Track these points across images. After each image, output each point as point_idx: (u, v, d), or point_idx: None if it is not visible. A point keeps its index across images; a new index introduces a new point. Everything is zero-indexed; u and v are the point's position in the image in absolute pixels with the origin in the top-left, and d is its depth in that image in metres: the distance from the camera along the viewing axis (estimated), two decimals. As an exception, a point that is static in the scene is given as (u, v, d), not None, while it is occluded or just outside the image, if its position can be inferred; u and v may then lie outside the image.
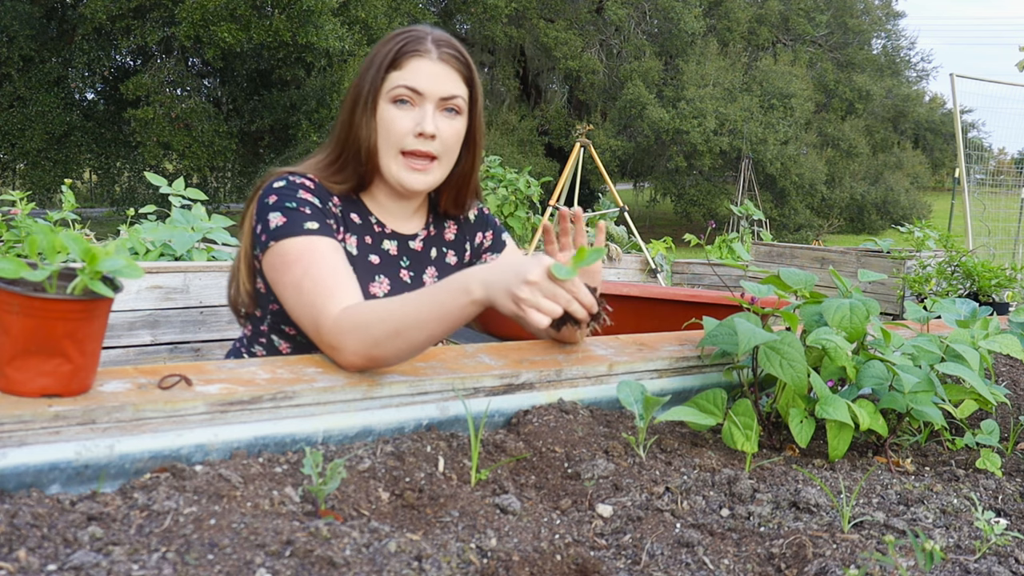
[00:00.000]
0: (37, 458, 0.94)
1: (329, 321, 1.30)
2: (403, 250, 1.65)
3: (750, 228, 6.20)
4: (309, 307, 1.34)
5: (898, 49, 26.14)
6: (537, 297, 1.16)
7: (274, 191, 1.48)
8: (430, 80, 1.52)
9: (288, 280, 1.39)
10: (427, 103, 1.53)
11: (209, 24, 13.00)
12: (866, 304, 1.43)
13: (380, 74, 1.52)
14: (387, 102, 1.52)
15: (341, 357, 1.26)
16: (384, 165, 1.55)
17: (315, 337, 1.33)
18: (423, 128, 1.51)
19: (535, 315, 1.15)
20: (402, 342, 1.23)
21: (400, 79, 1.51)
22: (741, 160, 18.40)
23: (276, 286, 1.43)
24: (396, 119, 1.52)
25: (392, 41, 1.54)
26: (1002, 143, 49.38)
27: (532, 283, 1.16)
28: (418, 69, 1.52)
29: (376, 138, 1.53)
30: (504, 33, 19.77)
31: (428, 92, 1.52)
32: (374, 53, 1.55)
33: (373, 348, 1.24)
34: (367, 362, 1.25)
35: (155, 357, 2.82)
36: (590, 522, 1.07)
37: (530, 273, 1.16)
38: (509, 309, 1.18)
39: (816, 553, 1.01)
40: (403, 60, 1.52)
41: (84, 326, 1.02)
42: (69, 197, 3.35)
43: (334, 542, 0.87)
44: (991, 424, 1.48)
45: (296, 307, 1.37)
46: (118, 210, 14.54)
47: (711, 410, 1.36)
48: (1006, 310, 3.58)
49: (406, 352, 1.25)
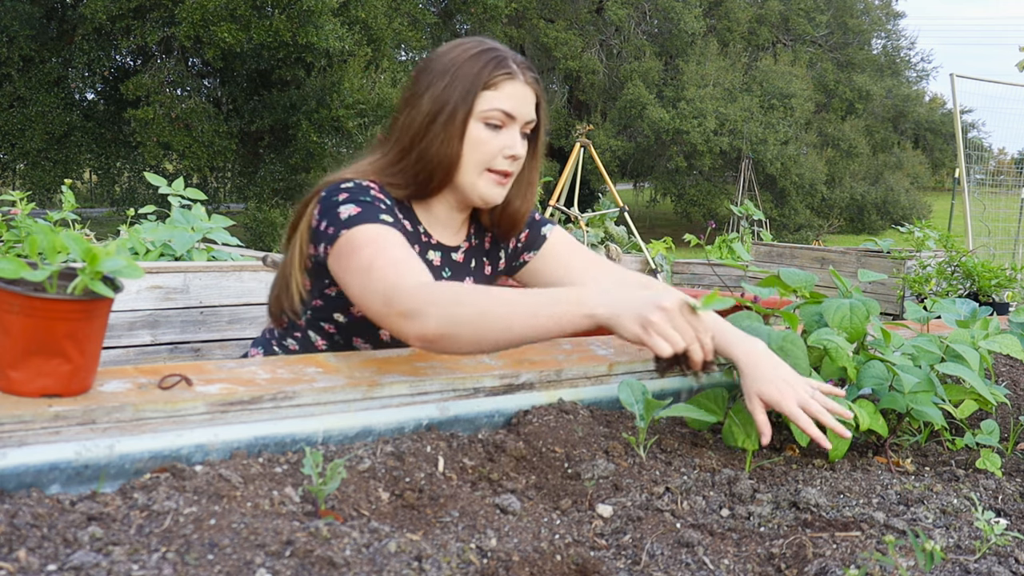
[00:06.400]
0: (37, 458, 0.94)
1: (407, 289, 1.27)
2: (446, 261, 1.66)
3: (750, 228, 6.20)
4: (380, 281, 1.31)
5: (898, 49, 26.14)
6: (667, 326, 1.16)
7: (343, 190, 1.47)
8: (520, 104, 1.54)
9: (357, 263, 1.36)
10: (516, 125, 1.55)
11: (209, 24, 13.00)
12: (866, 304, 1.43)
13: (473, 93, 1.51)
14: (479, 122, 1.52)
15: (414, 323, 1.24)
16: (466, 181, 1.55)
17: (383, 309, 1.29)
18: (515, 152, 1.54)
19: (661, 343, 1.15)
20: (483, 331, 1.21)
21: (496, 102, 1.52)
22: (741, 160, 18.41)
23: (343, 273, 1.39)
24: (488, 140, 1.53)
25: (480, 59, 1.53)
26: (1002, 143, 49.47)
27: (666, 310, 1.17)
28: (511, 93, 1.53)
29: (461, 155, 1.53)
30: (504, 33, 19.76)
31: (519, 116, 1.55)
32: (456, 68, 1.52)
33: (452, 325, 1.21)
34: (438, 337, 1.23)
35: (155, 357, 2.82)
36: (590, 522, 1.07)
37: (665, 300, 1.17)
38: (633, 332, 1.17)
39: (816, 553, 1.01)
40: (497, 81, 1.52)
41: (84, 326, 1.02)
42: (69, 197, 3.34)
43: (334, 542, 0.87)
44: (991, 424, 1.48)
45: (364, 286, 1.33)
46: (118, 210, 14.53)
47: (712, 408, 1.36)
48: (1006, 310, 3.58)
49: (481, 342, 1.23)
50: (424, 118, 1.52)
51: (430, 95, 1.52)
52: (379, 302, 1.30)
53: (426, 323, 1.23)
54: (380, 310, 1.30)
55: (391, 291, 1.28)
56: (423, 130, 1.52)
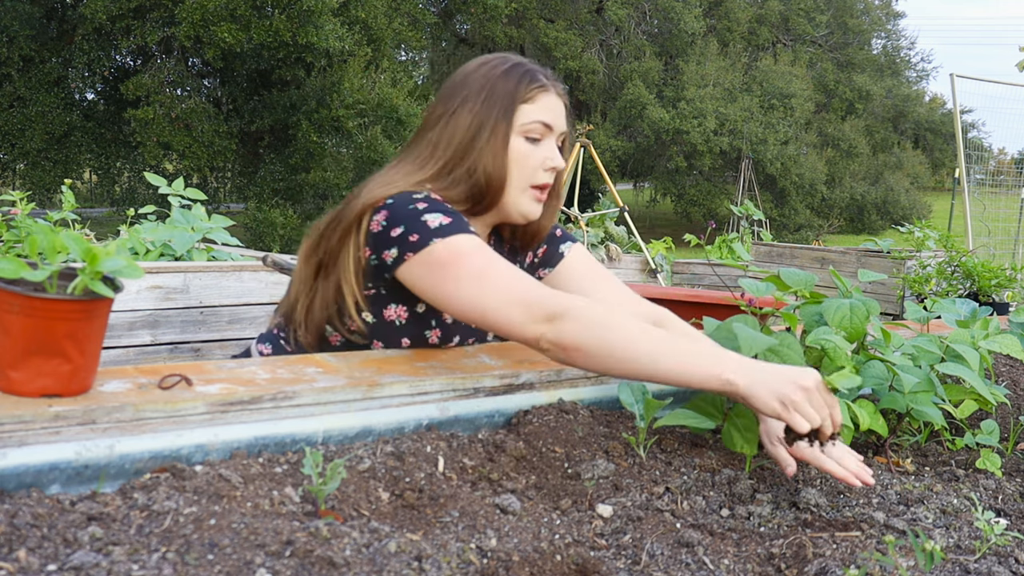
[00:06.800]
0: (37, 458, 0.94)
1: (553, 296, 1.30)
2: None
3: (750, 228, 6.20)
4: (511, 287, 1.33)
5: (898, 49, 26.14)
6: (806, 405, 1.18)
7: (419, 199, 1.44)
8: (556, 115, 1.55)
9: (467, 269, 1.35)
10: (552, 137, 1.55)
11: (209, 24, 12.99)
12: (866, 304, 1.43)
13: (512, 108, 1.51)
14: (519, 136, 1.52)
15: (556, 327, 1.27)
16: (512, 199, 1.54)
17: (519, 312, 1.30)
18: (555, 163, 1.55)
19: (800, 420, 1.17)
20: (622, 359, 1.25)
21: (535, 114, 1.52)
22: (741, 160, 18.41)
23: (440, 279, 1.37)
24: (530, 154, 1.53)
25: (513, 74, 1.53)
26: (1002, 143, 49.46)
27: (807, 389, 1.19)
28: (547, 104, 1.54)
29: (507, 172, 1.52)
30: (504, 33, 19.76)
31: (556, 127, 1.55)
32: (491, 84, 1.52)
33: (595, 343, 1.25)
34: (574, 348, 1.26)
35: (155, 357, 2.82)
36: (590, 522, 1.07)
37: (806, 379, 1.19)
38: (771, 408, 1.18)
39: (816, 553, 1.01)
40: (533, 94, 1.53)
41: (84, 326, 1.02)
42: (69, 197, 3.34)
43: (334, 542, 0.87)
44: (991, 424, 1.48)
45: (483, 290, 1.33)
46: (118, 210, 14.53)
47: (710, 412, 1.35)
48: (1006, 310, 3.58)
49: (611, 367, 1.27)
50: (466, 133, 1.50)
51: (469, 111, 1.51)
52: (513, 305, 1.31)
53: (570, 331, 1.26)
54: (510, 313, 1.31)
55: (531, 296, 1.31)
56: (466, 146, 1.51)
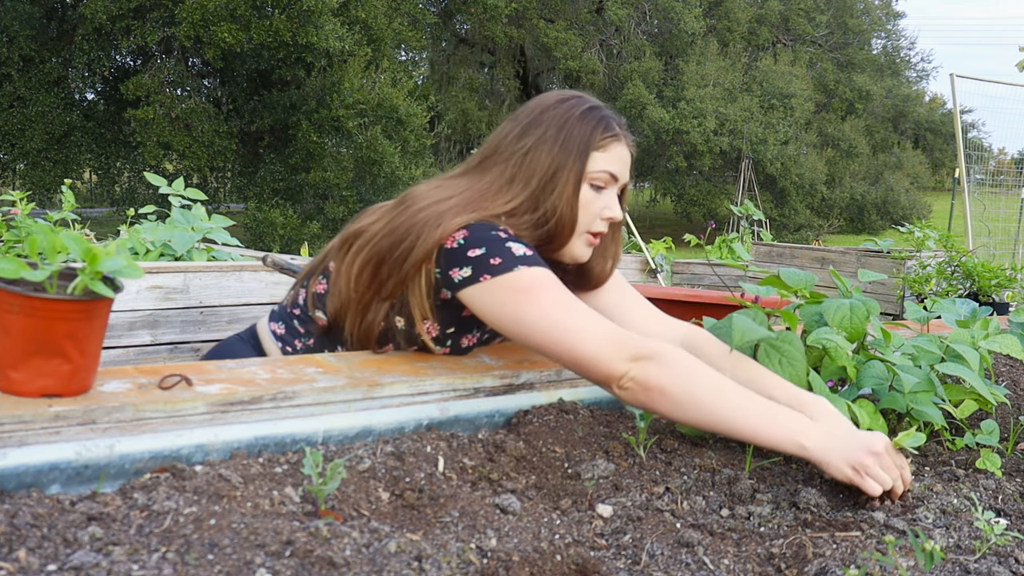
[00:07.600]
0: (37, 458, 0.94)
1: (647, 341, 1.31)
2: None
3: (750, 228, 6.19)
4: (597, 323, 1.33)
5: (898, 49, 26.13)
6: (878, 469, 1.20)
7: (500, 229, 1.42)
8: (624, 167, 1.54)
9: (551, 300, 1.36)
10: (615, 187, 1.54)
11: (209, 24, 12.99)
12: (866, 304, 1.43)
13: (586, 154, 1.49)
14: (587, 183, 1.50)
15: (642, 367, 1.27)
16: (572, 243, 1.53)
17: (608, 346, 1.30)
18: (613, 214, 1.53)
19: (873, 485, 1.19)
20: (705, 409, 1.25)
21: (605, 164, 1.50)
22: (741, 160, 18.40)
23: (527, 304, 1.35)
24: (593, 202, 1.51)
25: (590, 119, 1.50)
26: (1002, 143, 49.50)
27: (877, 454, 1.21)
28: (617, 154, 1.52)
29: (576, 217, 1.50)
30: (504, 33, 19.75)
31: (621, 178, 1.54)
32: (568, 126, 1.50)
33: (679, 388, 1.26)
34: (658, 390, 1.26)
35: (155, 357, 2.82)
36: (590, 522, 1.07)
37: (876, 445, 1.22)
38: (844, 475, 1.20)
39: (816, 553, 1.01)
40: (607, 142, 1.51)
41: (84, 326, 1.02)
42: (69, 197, 3.34)
43: (334, 542, 0.87)
44: (991, 424, 1.48)
45: (570, 320, 1.33)
46: (118, 210, 14.52)
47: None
48: (1006, 310, 3.58)
49: (689, 415, 1.27)
50: (546, 171, 1.48)
51: (548, 150, 1.48)
52: (604, 338, 1.31)
53: (657, 374, 1.26)
54: (600, 344, 1.31)
55: (622, 334, 1.32)
56: (543, 187, 1.48)
